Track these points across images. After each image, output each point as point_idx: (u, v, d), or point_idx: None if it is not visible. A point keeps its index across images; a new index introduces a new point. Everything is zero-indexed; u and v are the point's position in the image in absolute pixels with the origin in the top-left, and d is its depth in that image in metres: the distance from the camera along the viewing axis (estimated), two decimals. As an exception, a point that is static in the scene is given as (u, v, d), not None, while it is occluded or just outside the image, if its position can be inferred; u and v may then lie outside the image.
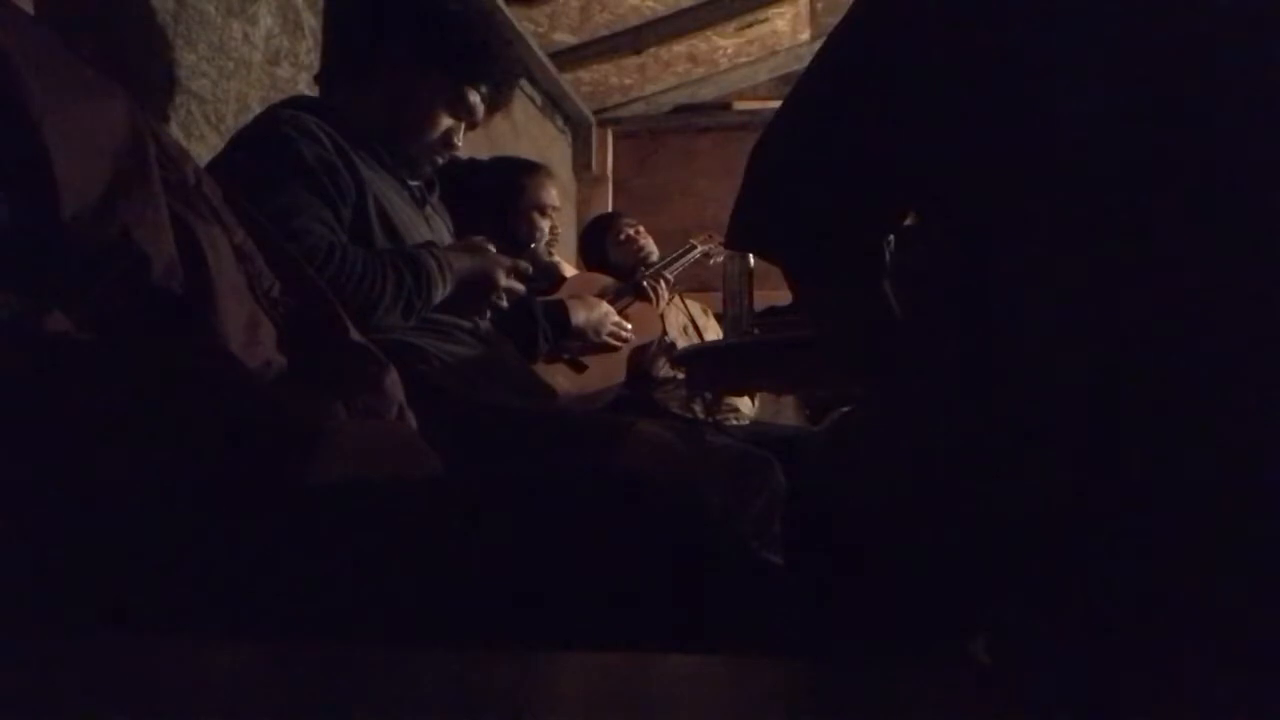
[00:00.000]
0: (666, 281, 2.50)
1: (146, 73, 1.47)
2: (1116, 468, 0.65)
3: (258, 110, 1.57)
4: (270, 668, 0.46)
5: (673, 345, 2.47)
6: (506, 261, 1.53)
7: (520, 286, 1.55)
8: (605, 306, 1.98)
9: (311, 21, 1.87)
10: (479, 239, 1.53)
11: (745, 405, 2.65)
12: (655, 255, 2.67)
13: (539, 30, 3.35)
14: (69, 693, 0.40)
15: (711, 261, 2.57)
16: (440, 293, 1.41)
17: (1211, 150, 0.67)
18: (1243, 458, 0.63)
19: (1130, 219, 0.68)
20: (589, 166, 4.23)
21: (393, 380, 0.96)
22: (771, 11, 3.74)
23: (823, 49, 0.83)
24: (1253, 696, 0.41)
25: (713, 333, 2.78)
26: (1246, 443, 0.63)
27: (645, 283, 2.46)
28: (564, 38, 3.48)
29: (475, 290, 1.48)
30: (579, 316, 1.88)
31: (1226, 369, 0.64)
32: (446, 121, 1.53)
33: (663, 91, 4.18)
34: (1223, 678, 0.47)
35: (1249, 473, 0.62)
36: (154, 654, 0.46)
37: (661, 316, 2.51)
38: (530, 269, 1.62)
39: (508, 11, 2.97)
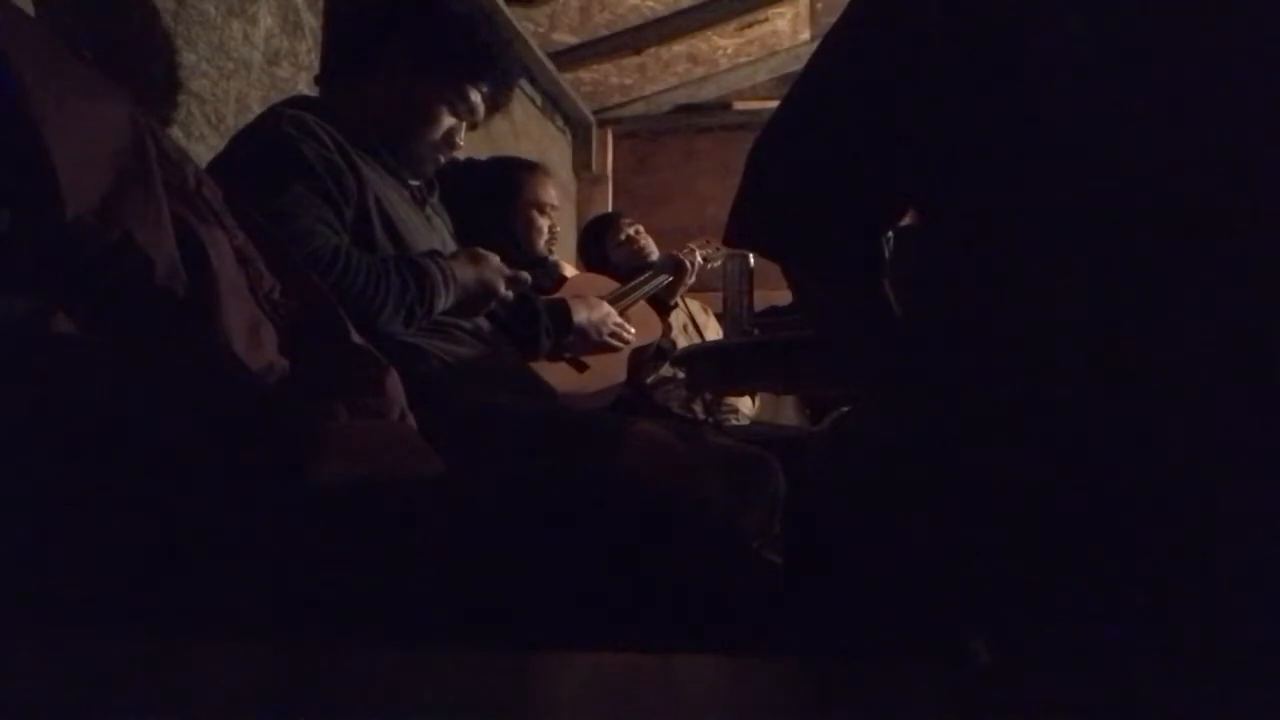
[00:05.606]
0: (692, 264, 2.52)
1: (146, 73, 1.47)
2: (1117, 466, 0.65)
3: (258, 110, 1.57)
4: (270, 668, 0.46)
5: (673, 345, 2.48)
6: (506, 271, 1.54)
7: (511, 295, 1.57)
8: (606, 307, 1.98)
9: (311, 21, 1.88)
10: (487, 253, 1.53)
11: (745, 405, 2.65)
12: (655, 255, 2.67)
13: (539, 30, 3.34)
14: (69, 693, 0.40)
15: (710, 266, 2.57)
16: (443, 303, 1.42)
17: (1213, 149, 0.67)
18: (1244, 455, 0.63)
19: (1131, 218, 0.68)
20: (589, 166, 4.23)
21: (393, 382, 0.97)
22: (771, 11, 3.73)
23: (821, 47, 0.83)
24: (1253, 694, 0.41)
25: (713, 332, 2.78)
26: (1247, 440, 0.63)
27: (683, 256, 2.49)
28: (564, 38, 3.48)
29: (476, 300, 1.50)
30: (580, 316, 1.88)
31: (1228, 366, 0.64)
32: (447, 121, 1.53)
33: (663, 91, 4.18)
34: (1222, 676, 0.47)
35: (1250, 471, 0.63)
36: (154, 654, 0.46)
37: (666, 317, 2.51)
38: (529, 279, 1.63)
39: (508, 11, 2.97)
